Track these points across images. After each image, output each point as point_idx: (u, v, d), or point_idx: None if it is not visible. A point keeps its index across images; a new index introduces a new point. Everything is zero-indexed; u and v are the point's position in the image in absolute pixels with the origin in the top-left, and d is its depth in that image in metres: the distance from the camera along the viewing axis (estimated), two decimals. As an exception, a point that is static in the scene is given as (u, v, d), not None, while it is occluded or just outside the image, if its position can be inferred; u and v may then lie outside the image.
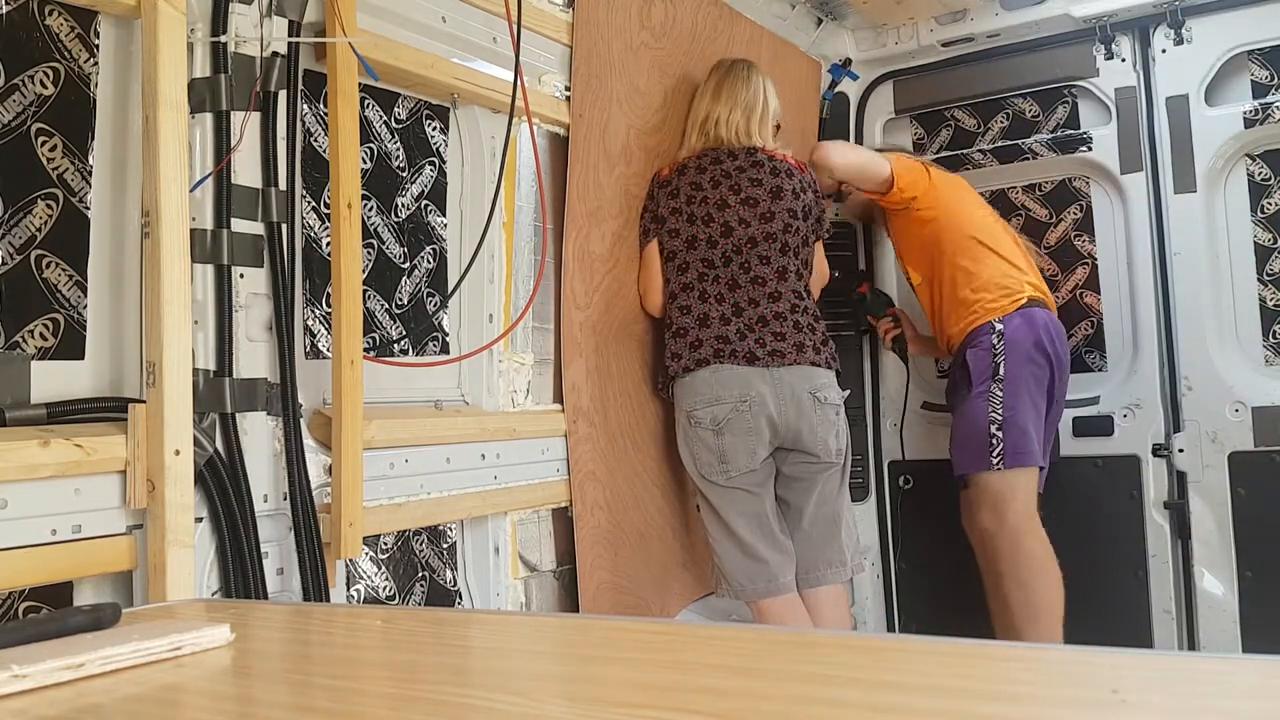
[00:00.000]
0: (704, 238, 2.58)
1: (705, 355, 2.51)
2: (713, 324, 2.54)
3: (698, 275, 2.59)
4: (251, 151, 1.72)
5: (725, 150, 2.66)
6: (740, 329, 2.54)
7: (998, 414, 2.75)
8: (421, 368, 2.16)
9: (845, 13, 3.32)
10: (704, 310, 2.56)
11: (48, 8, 1.56)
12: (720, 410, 2.48)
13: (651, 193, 2.66)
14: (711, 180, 2.61)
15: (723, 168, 2.62)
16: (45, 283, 1.56)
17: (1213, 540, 2.97)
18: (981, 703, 0.76)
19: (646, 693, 0.82)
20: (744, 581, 2.51)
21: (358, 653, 1.09)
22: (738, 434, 2.48)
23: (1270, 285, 3.02)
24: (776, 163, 2.66)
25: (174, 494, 1.52)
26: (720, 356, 2.50)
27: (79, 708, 0.82)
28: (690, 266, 2.59)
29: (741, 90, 2.70)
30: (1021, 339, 2.78)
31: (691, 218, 2.59)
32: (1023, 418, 2.75)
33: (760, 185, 2.61)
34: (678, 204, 2.60)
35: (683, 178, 2.62)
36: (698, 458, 2.52)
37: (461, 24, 2.15)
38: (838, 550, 2.61)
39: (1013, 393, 2.75)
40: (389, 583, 2.07)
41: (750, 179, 2.61)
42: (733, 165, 2.63)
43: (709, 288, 2.58)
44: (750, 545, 2.50)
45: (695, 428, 2.51)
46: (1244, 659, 0.89)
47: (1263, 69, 2.98)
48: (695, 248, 2.58)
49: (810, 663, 0.91)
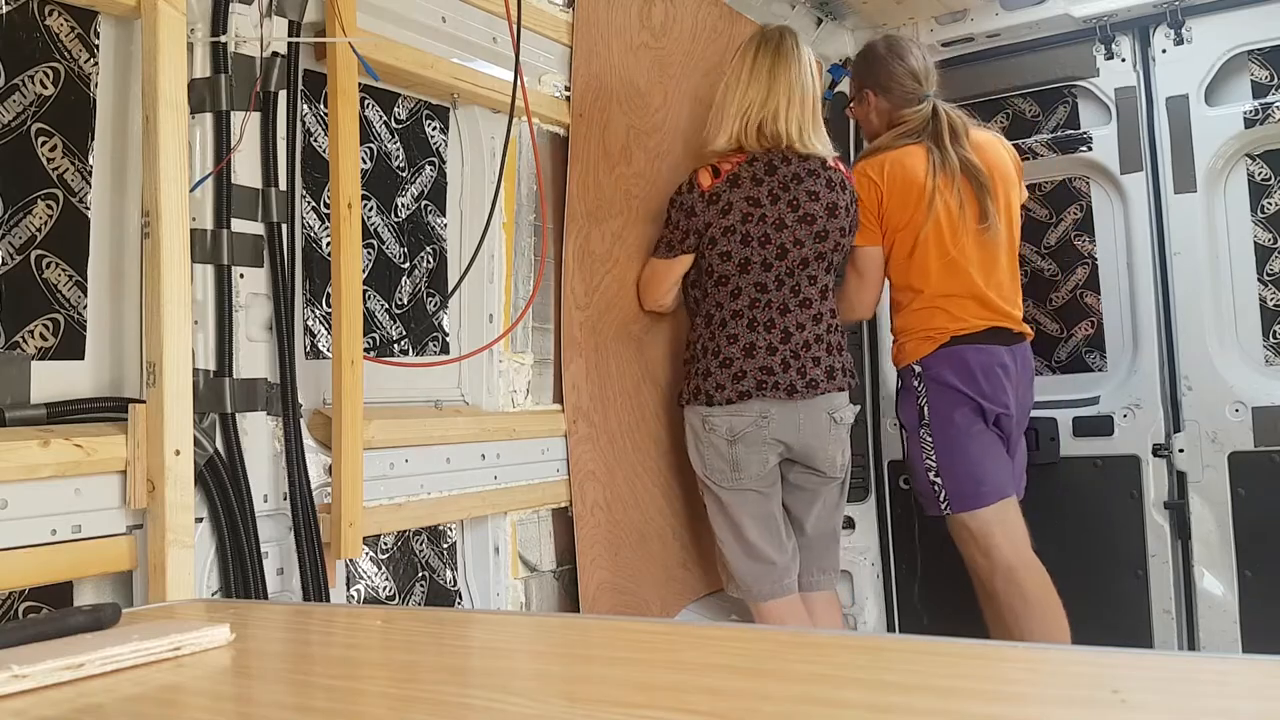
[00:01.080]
0: (759, 260, 2.43)
1: (747, 388, 2.42)
2: (758, 354, 2.44)
3: (749, 302, 2.45)
4: (251, 151, 1.72)
5: (779, 154, 2.45)
6: (785, 358, 2.44)
7: (932, 459, 2.64)
8: (421, 368, 2.16)
9: (845, 13, 3.32)
10: (751, 340, 2.45)
11: (48, 8, 1.56)
12: (739, 423, 2.44)
13: (690, 207, 2.45)
14: (770, 194, 2.43)
15: (779, 177, 2.44)
16: (45, 283, 1.56)
17: (1213, 540, 2.97)
18: (981, 703, 0.76)
19: (646, 693, 0.82)
20: (750, 582, 2.51)
21: (358, 653, 1.09)
22: (752, 445, 2.45)
23: (1270, 285, 3.02)
24: (832, 174, 2.51)
25: (174, 494, 1.52)
26: (763, 389, 2.42)
27: (79, 708, 0.82)
28: (743, 292, 2.45)
29: (795, 74, 2.43)
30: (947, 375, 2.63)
31: (746, 238, 2.42)
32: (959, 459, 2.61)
33: (817, 200, 2.46)
34: (730, 222, 2.42)
35: (736, 191, 2.42)
36: (708, 463, 2.50)
37: (461, 24, 2.15)
38: (834, 560, 2.67)
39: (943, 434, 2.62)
40: (389, 583, 2.07)
41: (808, 192, 2.45)
42: (789, 174, 2.44)
43: (759, 315, 2.46)
44: (758, 547, 2.49)
45: (709, 434, 2.47)
46: (1244, 659, 0.89)
47: (1263, 69, 2.98)
48: (749, 271, 2.44)
49: (810, 663, 0.91)
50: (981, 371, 2.63)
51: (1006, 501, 2.65)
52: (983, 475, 2.62)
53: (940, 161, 2.64)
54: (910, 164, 2.66)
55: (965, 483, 2.61)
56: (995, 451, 2.66)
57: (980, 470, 2.63)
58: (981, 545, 2.62)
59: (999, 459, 2.67)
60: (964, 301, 2.66)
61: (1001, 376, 2.65)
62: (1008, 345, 2.69)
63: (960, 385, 2.62)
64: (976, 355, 2.64)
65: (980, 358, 2.64)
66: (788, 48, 2.46)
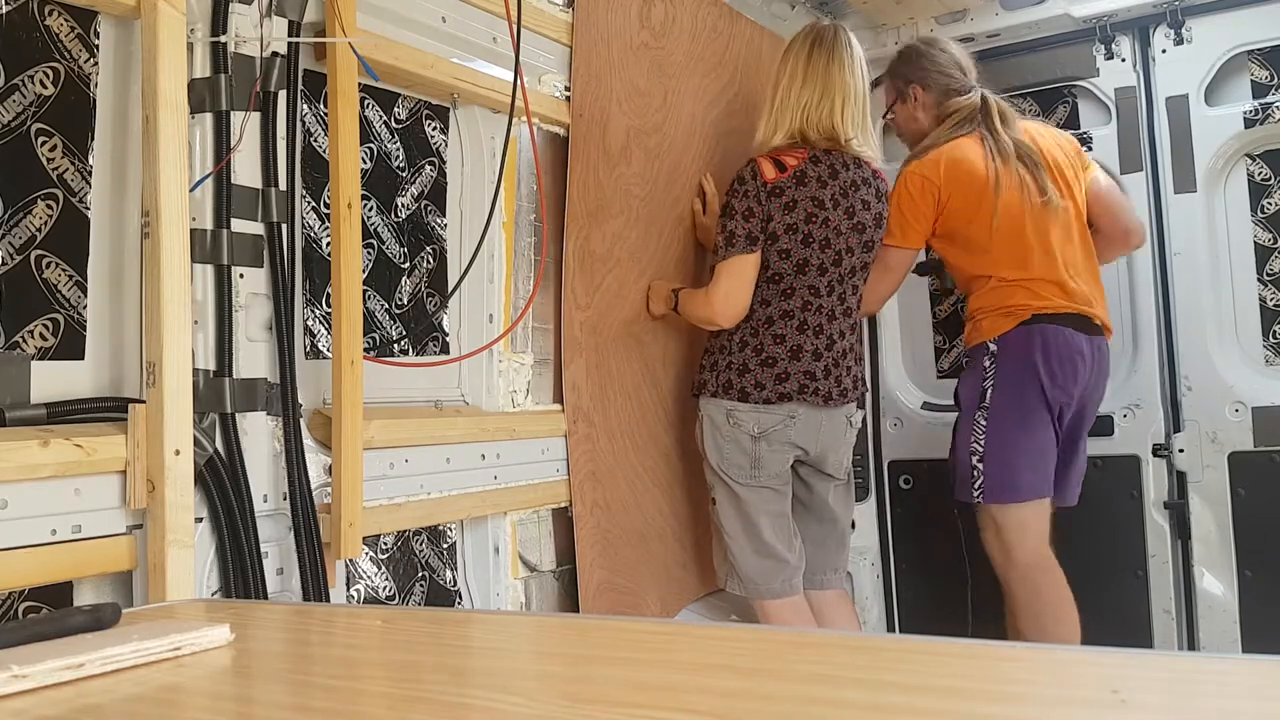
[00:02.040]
0: (815, 264, 2.41)
1: (789, 390, 2.41)
2: (804, 358, 2.43)
3: (801, 304, 2.43)
4: (251, 151, 1.72)
5: (840, 158, 2.44)
6: (827, 365, 2.45)
7: (979, 444, 2.57)
8: (421, 368, 2.16)
9: (845, 13, 3.32)
10: (798, 342, 2.43)
11: (48, 8, 1.56)
12: (768, 419, 2.43)
13: (757, 195, 2.39)
14: (833, 199, 2.41)
15: (840, 182, 2.42)
16: (45, 283, 1.56)
17: (1213, 540, 2.97)
18: (981, 703, 0.76)
19: (646, 693, 0.82)
20: (758, 580, 2.49)
21: (358, 653, 1.09)
22: (775, 445, 2.45)
23: (1270, 285, 3.02)
24: (879, 183, 2.52)
25: (174, 494, 1.52)
26: (804, 393, 2.42)
27: (79, 708, 0.82)
28: (796, 293, 2.43)
29: (850, 75, 2.42)
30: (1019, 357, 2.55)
31: (808, 239, 2.39)
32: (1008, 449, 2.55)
33: (869, 209, 2.47)
34: (794, 220, 2.38)
35: (802, 189, 2.39)
36: (727, 457, 2.46)
37: (461, 24, 2.15)
38: (845, 559, 2.69)
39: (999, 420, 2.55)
40: (389, 583, 2.07)
41: (862, 201, 2.45)
42: (848, 180, 2.44)
43: (809, 318, 2.44)
44: (770, 545, 2.48)
45: (734, 428, 2.44)
46: (1244, 659, 0.89)
47: (1263, 69, 2.98)
48: (805, 273, 2.42)
49: (810, 663, 0.91)
50: (1058, 355, 2.54)
51: (1040, 501, 2.60)
52: (1026, 472, 2.56)
53: (995, 147, 2.59)
54: (968, 155, 2.60)
55: (1006, 475, 2.55)
56: (1046, 449, 2.59)
57: (1025, 466, 2.56)
58: (1004, 540, 2.59)
59: (1047, 456, 2.60)
60: (1045, 284, 2.57)
61: (1078, 365, 2.57)
62: (1088, 335, 2.60)
63: (1033, 368, 2.53)
64: (1056, 336, 2.54)
65: (1059, 339, 2.55)
66: (841, 46, 2.46)
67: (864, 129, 2.48)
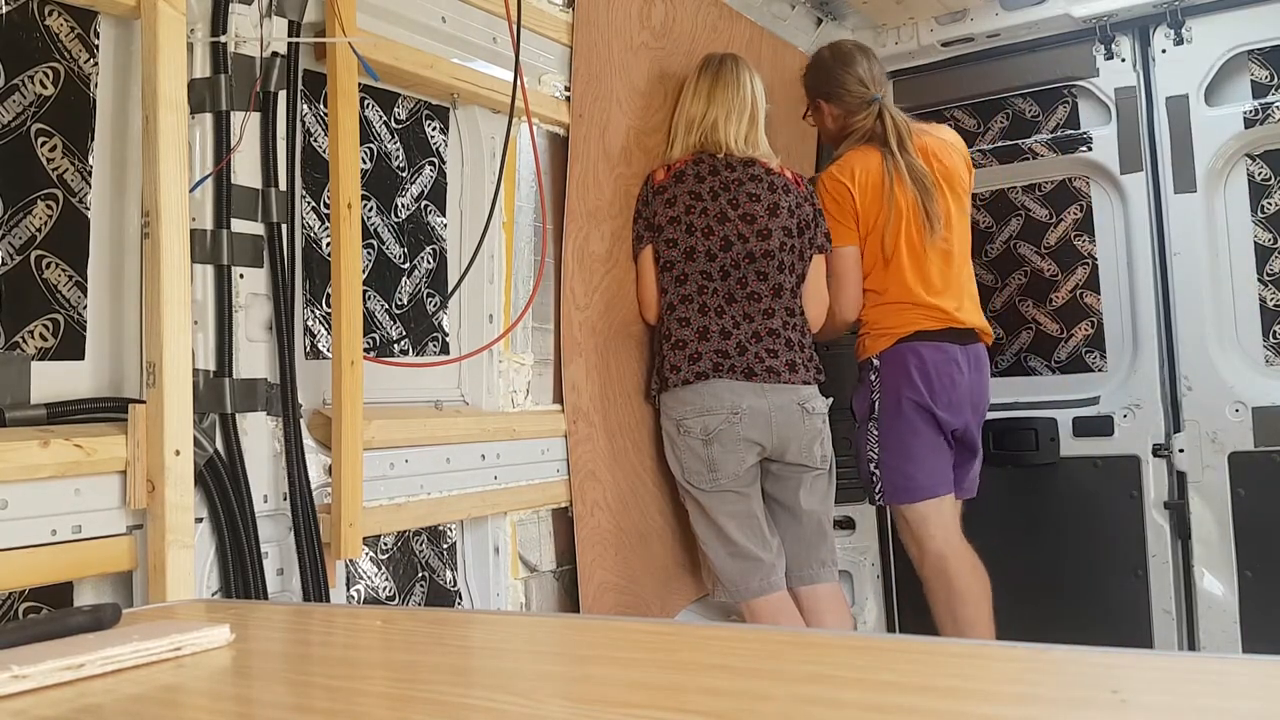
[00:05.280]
0: (703, 250, 2.54)
1: (704, 369, 2.49)
2: (712, 337, 2.52)
3: (697, 288, 2.55)
4: (251, 152, 1.72)
5: (723, 160, 2.60)
6: (739, 343, 2.52)
7: (874, 451, 2.77)
8: (421, 368, 2.16)
9: (845, 13, 3.32)
10: (704, 323, 2.53)
11: (48, 8, 1.56)
12: (711, 421, 2.48)
13: (645, 197, 2.61)
14: (711, 191, 2.56)
15: (721, 179, 2.58)
16: (45, 283, 1.56)
17: (1213, 540, 2.97)
18: (981, 703, 0.76)
19: (646, 693, 0.82)
20: (737, 581, 2.52)
21: (358, 653, 1.09)
22: (727, 444, 2.48)
23: (1270, 285, 3.02)
24: (774, 177, 2.63)
25: (174, 494, 1.52)
26: (719, 370, 2.49)
27: (79, 708, 0.82)
28: (689, 278, 2.55)
29: (734, 93, 2.64)
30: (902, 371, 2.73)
31: (690, 228, 2.54)
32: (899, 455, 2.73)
33: (758, 201, 2.58)
34: (675, 213, 2.55)
35: (680, 185, 2.57)
36: (686, 466, 2.53)
37: (461, 24, 2.15)
38: (829, 550, 2.69)
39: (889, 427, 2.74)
40: (389, 583, 2.07)
41: (749, 194, 2.58)
42: (731, 177, 2.58)
43: (708, 300, 2.55)
44: (741, 545, 2.51)
45: (684, 436, 2.52)
46: (1244, 659, 0.88)
47: (1263, 69, 2.98)
48: (694, 259, 2.55)
49: (810, 663, 0.91)
50: (933, 368, 2.73)
51: (941, 499, 2.77)
52: (918, 473, 2.75)
53: (893, 165, 2.74)
54: (871, 165, 2.76)
55: (901, 478, 2.75)
56: (937, 451, 2.77)
57: (917, 468, 2.75)
58: (915, 535, 2.77)
59: (938, 458, 2.78)
60: (922, 308, 2.75)
61: (954, 373, 2.75)
62: (961, 345, 2.78)
63: (912, 381, 2.72)
64: (933, 352, 2.74)
65: (935, 354, 2.74)
66: (727, 69, 2.66)
67: (753, 135, 2.64)
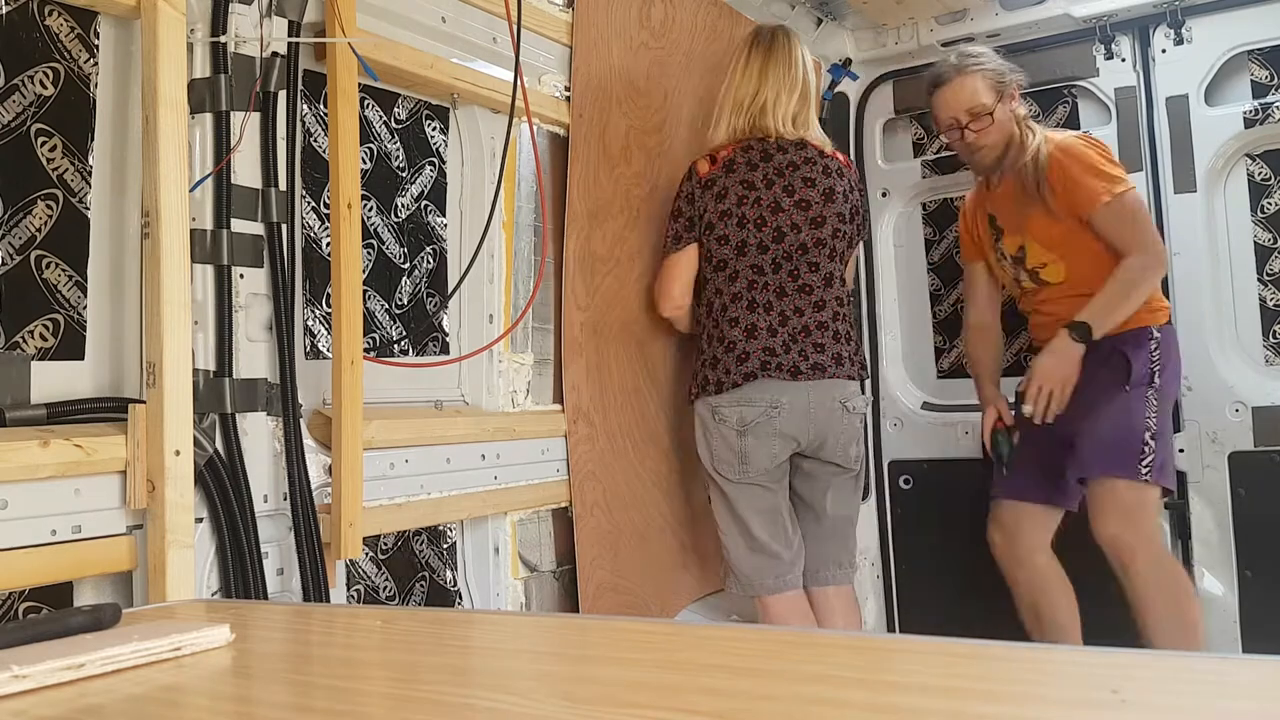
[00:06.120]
0: (754, 243, 2.45)
1: (752, 369, 2.41)
2: (760, 335, 2.43)
3: (747, 284, 2.46)
4: (251, 152, 1.72)
5: (774, 143, 2.48)
6: (785, 340, 2.44)
7: (1153, 422, 2.59)
8: (421, 368, 2.16)
9: (845, 13, 3.32)
10: (752, 321, 2.44)
11: (48, 8, 1.56)
12: (749, 412, 2.42)
13: (690, 194, 2.49)
14: (765, 179, 2.45)
15: (774, 164, 2.46)
16: (45, 283, 1.56)
17: (1213, 540, 2.96)
18: (982, 703, 0.76)
19: (646, 693, 0.82)
20: (753, 576, 2.48)
21: (358, 653, 1.09)
22: (761, 437, 2.43)
23: (1270, 285, 3.02)
24: (828, 160, 2.52)
25: (174, 494, 1.52)
26: (767, 369, 2.41)
27: (79, 708, 0.82)
28: (740, 275, 2.46)
29: (786, 70, 2.49)
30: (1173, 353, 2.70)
31: (743, 221, 2.44)
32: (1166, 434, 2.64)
33: (814, 186, 2.47)
34: (727, 206, 2.45)
35: (731, 176, 2.45)
36: (716, 454, 2.47)
37: (461, 24, 2.15)
38: (849, 552, 2.63)
39: (1164, 405, 2.65)
40: (389, 583, 2.07)
41: (804, 178, 2.47)
42: (784, 161, 2.47)
43: (758, 296, 2.46)
44: (762, 541, 2.46)
45: (719, 424, 2.45)
46: (1244, 659, 0.88)
47: (1263, 69, 2.98)
48: (745, 254, 2.45)
49: (810, 663, 0.91)
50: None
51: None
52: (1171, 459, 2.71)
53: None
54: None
55: (1169, 457, 2.67)
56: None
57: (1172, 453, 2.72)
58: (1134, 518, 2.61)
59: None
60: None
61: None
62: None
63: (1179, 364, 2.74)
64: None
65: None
66: (779, 45, 2.53)
67: (805, 118, 2.53)
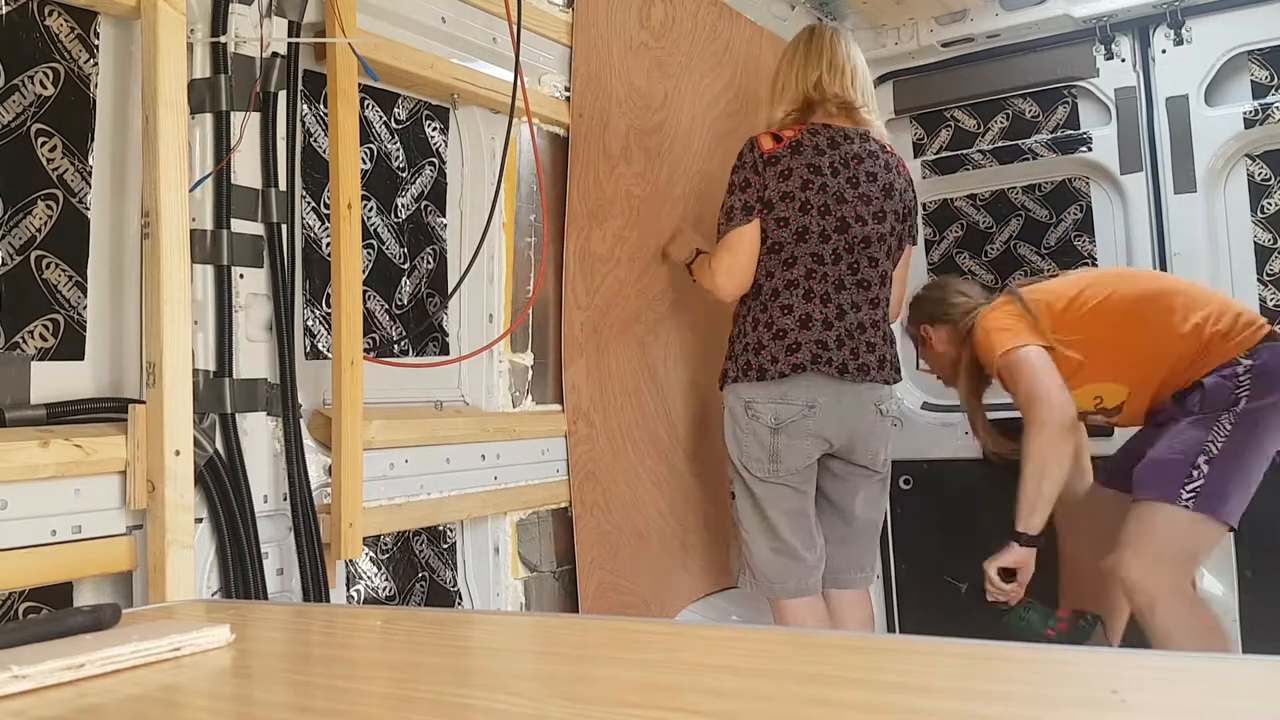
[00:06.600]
0: (817, 231, 2.33)
1: (802, 360, 2.31)
2: (814, 327, 2.33)
3: (805, 272, 2.35)
4: (251, 152, 1.72)
5: (841, 131, 2.41)
6: (840, 335, 2.35)
7: (1214, 446, 2.28)
8: (421, 368, 2.16)
9: (845, 13, 3.32)
10: (807, 311, 2.34)
11: (48, 8, 1.56)
12: (785, 410, 2.33)
13: (754, 166, 2.36)
14: (831, 167, 2.35)
15: (841, 153, 2.37)
16: (45, 283, 1.56)
17: (1213, 540, 2.96)
18: (981, 703, 0.76)
19: (646, 693, 0.82)
20: (774, 578, 2.40)
21: (358, 653, 1.09)
22: (795, 436, 2.33)
23: (1270, 285, 3.02)
24: (888, 156, 2.47)
25: (174, 494, 1.52)
26: (817, 363, 2.31)
27: (79, 708, 0.82)
28: (798, 261, 2.35)
29: (844, 53, 2.45)
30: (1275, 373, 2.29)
31: (806, 206, 2.33)
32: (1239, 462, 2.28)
33: (875, 180, 2.40)
34: (790, 188, 2.33)
35: (797, 157, 2.34)
36: (745, 450, 2.37)
37: (461, 24, 2.15)
38: (872, 555, 2.59)
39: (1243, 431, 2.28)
40: (389, 583, 2.07)
41: (867, 172, 2.39)
42: (850, 151, 2.39)
43: (815, 286, 2.35)
44: (788, 543, 2.39)
45: (753, 420, 2.34)
46: (1244, 659, 0.88)
47: (1263, 69, 2.98)
48: (806, 241, 2.34)
49: (810, 663, 0.91)
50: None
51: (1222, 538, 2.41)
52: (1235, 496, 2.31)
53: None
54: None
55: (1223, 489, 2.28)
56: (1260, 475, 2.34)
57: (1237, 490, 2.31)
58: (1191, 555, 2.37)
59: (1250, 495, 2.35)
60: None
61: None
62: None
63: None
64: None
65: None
66: (841, 37, 2.51)
67: (871, 111, 2.47)
